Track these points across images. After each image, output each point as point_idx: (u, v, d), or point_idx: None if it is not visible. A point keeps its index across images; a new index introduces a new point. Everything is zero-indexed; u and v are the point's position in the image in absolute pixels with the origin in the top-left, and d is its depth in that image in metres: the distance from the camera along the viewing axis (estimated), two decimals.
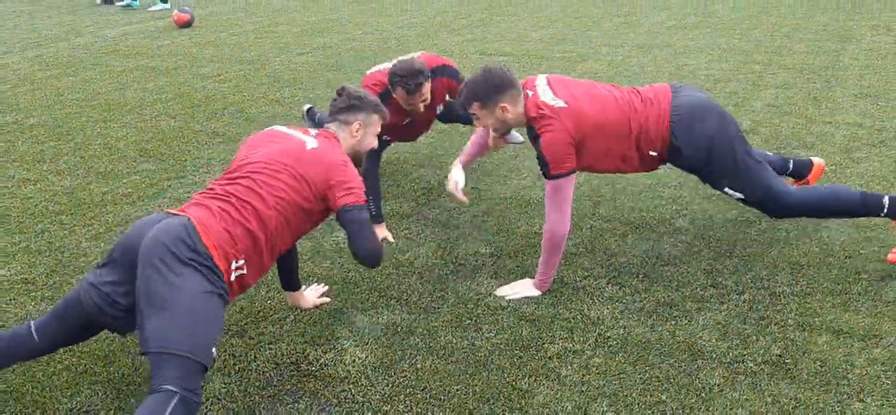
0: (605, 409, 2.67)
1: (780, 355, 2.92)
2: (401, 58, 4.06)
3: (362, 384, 2.85)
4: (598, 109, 3.30)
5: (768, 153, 3.91)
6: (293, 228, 2.82)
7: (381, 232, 3.96)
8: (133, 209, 4.44)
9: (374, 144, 3.19)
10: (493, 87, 3.29)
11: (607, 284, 3.47)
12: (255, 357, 3.03)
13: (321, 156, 2.86)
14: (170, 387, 2.31)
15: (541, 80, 3.38)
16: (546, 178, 3.27)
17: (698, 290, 3.40)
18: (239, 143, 3.08)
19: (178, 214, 2.63)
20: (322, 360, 3.00)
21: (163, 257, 2.45)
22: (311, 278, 3.57)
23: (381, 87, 4.03)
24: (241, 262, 2.65)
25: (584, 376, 2.85)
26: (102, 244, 4.00)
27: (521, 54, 8.16)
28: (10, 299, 3.52)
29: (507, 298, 3.37)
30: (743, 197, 3.40)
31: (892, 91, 6.25)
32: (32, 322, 2.71)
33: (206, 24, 10.43)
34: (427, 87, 3.95)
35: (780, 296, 3.32)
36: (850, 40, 8.20)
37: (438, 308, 3.33)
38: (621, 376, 2.84)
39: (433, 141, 5.35)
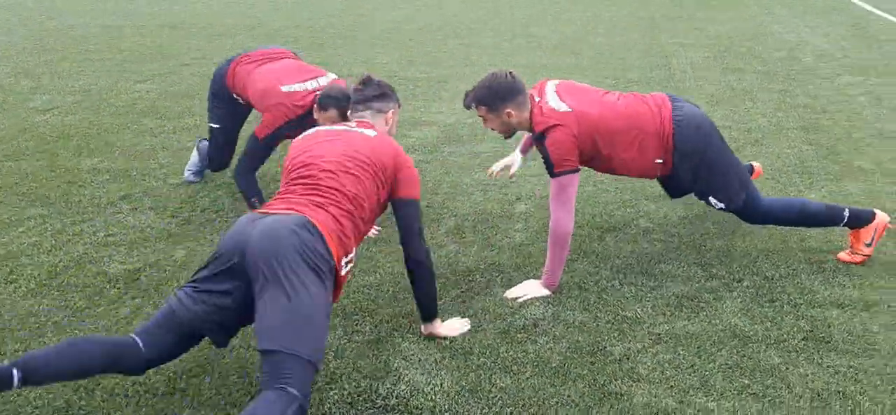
0: (703, 399, 2.76)
1: (811, 331, 3.18)
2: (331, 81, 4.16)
3: (458, 412, 2.70)
4: (602, 113, 3.43)
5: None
6: (372, 220, 2.88)
7: None
8: None
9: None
10: (499, 94, 3.39)
11: (620, 284, 3.58)
12: (323, 400, 2.77)
13: (385, 144, 2.94)
14: (294, 391, 2.23)
15: (550, 87, 3.49)
16: (551, 175, 3.40)
17: (704, 281, 3.60)
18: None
19: (288, 213, 2.52)
20: (396, 392, 2.81)
21: (285, 258, 2.37)
22: None
23: (303, 109, 4.08)
24: (351, 255, 2.66)
25: (663, 371, 2.92)
26: None
27: None
28: None
29: (519, 300, 3.43)
30: (724, 206, 3.63)
31: None
32: (135, 334, 2.48)
33: None
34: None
35: (772, 279, 3.61)
36: None
37: (478, 325, 3.24)
38: (695, 367, 2.95)
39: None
